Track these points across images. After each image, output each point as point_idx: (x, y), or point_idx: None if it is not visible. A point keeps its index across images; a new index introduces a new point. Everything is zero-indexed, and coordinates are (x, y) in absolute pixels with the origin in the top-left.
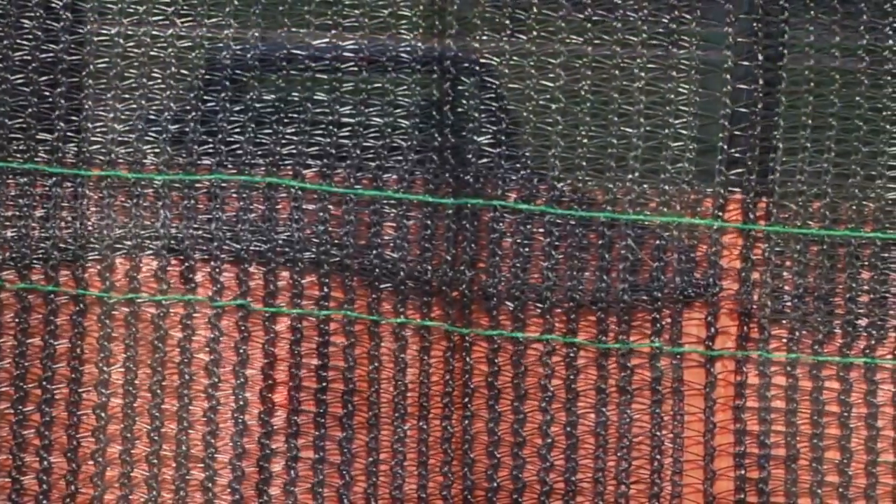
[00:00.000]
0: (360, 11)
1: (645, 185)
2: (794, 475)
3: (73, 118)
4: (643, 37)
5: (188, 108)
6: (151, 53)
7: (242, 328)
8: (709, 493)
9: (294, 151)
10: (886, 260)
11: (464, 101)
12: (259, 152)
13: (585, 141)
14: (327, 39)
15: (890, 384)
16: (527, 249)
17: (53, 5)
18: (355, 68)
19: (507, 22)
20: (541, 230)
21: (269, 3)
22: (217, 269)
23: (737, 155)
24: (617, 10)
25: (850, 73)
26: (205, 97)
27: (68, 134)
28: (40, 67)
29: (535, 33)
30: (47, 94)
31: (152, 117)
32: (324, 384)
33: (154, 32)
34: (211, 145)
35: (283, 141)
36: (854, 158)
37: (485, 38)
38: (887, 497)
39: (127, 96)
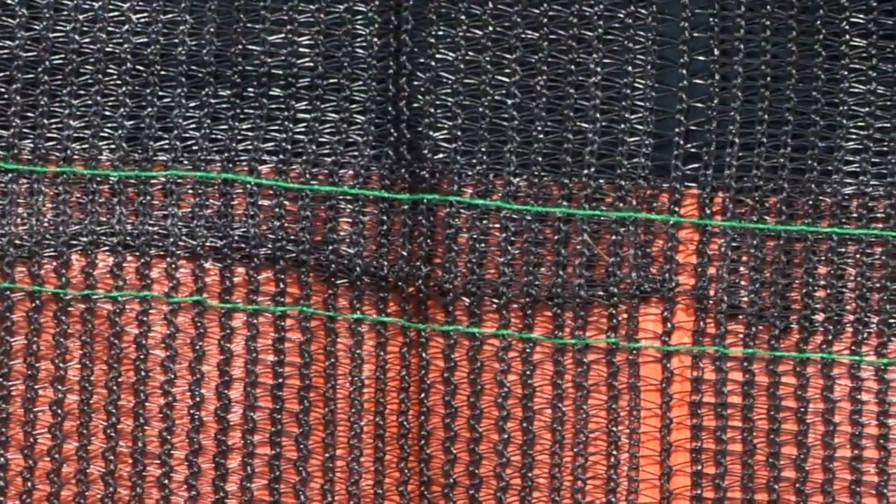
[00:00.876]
0: (316, 7)
1: (601, 181)
2: (751, 471)
3: (30, 115)
4: (599, 32)
5: (143, 104)
6: (107, 49)
7: (198, 324)
8: (665, 488)
9: (250, 147)
10: (843, 255)
11: (420, 97)
12: (215, 148)
13: (541, 136)
14: (283, 35)
15: (847, 379)
16: (483, 245)
17: (9, 2)
18: (311, 64)
19: (463, 17)
20: (497, 226)
21: None
22: (173, 266)
23: (693, 150)
24: (573, 4)
25: (806, 68)
26: (160, 93)
27: (24, 130)
28: None
29: (490, 28)
30: (2, 90)
31: (108, 114)
32: (280, 380)
33: (109, 29)
34: (166, 141)
35: (239, 137)
36: (811, 153)
37: (440, 33)
38: (844, 492)
39: (83, 93)
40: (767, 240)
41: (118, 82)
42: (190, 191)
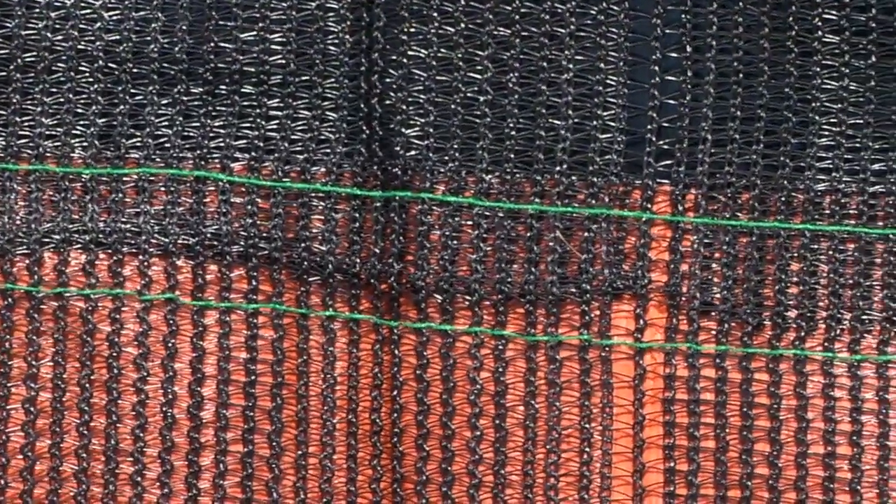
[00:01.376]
0: (288, 4)
1: (573, 178)
2: (724, 467)
3: (2, 112)
4: (571, 28)
5: (116, 101)
6: (79, 47)
7: (171, 321)
8: (638, 485)
9: (222, 144)
10: (816, 251)
11: (392, 94)
12: (187, 146)
13: (513, 133)
14: (254, 32)
15: (820, 376)
16: (455, 242)
17: None
18: (283, 61)
19: (435, 14)
20: (469, 223)
21: None
22: (145, 263)
23: (665, 147)
24: (545, 1)
25: (779, 64)
26: (132, 91)
27: None
28: None
29: (462, 25)
30: None
31: (80, 111)
32: (252, 377)
33: (81, 26)
34: (138, 139)
35: (211, 134)
36: (783, 150)
37: (412, 30)
38: (817, 489)
39: (55, 90)
40: (740, 236)
41: (90, 80)
42: (162, 188)
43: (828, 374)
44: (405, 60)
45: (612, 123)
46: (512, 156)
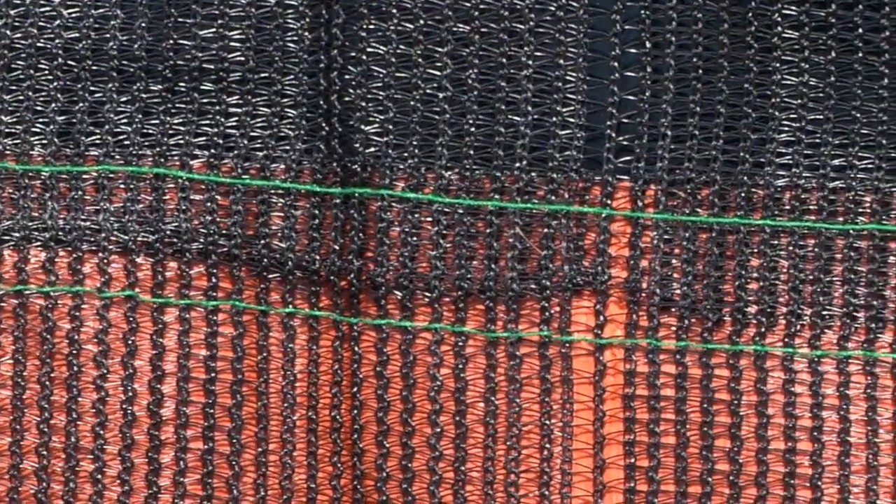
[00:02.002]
0: (247, 1)
1: (533, 174)
2: (684, 463)
3: None
4: (530, 25)
5: (75, 99)
6: (38, 45)
7: (130, 319)
8: (598, 481)
9: (181, 142)
10: (776, 247)
11: (351, 91)
12: (146, 143)
13: (473, 130)
14: (214, 30)
15: (780, 371)
16: (415, 239)
17: None
18: (242, 58)
19: (394, 11)
20: (429, 219)
21: None
22: (105, 261)
23: (625, 143)
24: None
25: (738, 60)
26: (91, 88)
27: None
28: None
29: (421, 22)
30: None
31: (39, 109)
32: (212, 374)
33: (41, 24)
34: (98, 136)
35: (171, 132)
36: (743, 146)
37: (371, 27)
38: (778, 485)
39: (14, 88)
40: (700, 232)
41: (49, 77)
42: (122, 186)
43: (788, 370)
44: (364, 57)
45: (572, 120)
46: (471, 152)
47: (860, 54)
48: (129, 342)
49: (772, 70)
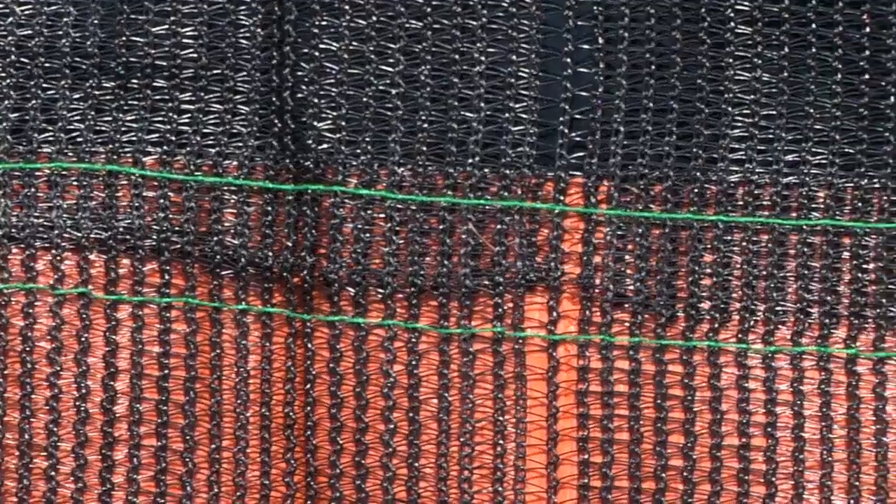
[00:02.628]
0: None
1: (485, 170)
2: (638, 459)
3: None
4: (483, 20)
5: (28, 96)
6: None
7: (83, 316)
8: (552, 477)
9: (134, 139)
10: (729, 243)
11: (303, 87)
12: (99, 140)
13: (426, 126)
14: (166, 26)
15: (734, 367)
16: (368, 235)
17: None
18: (194, 55)
19: (347, 7)
20: (381, 215)
21: None
22: (58, 258)
23: (578, 139)
24: None
25: (691, 55)
26: (44, 85)
27: None
28: None
29: (374, 18)
30: None
31: None
32: (165, 371)
33: None
34: (51, 133)
35: (123, 128)
36: (696, 141)
37: (324, 23)
38: (732, 481)
39: None
40: (653, 228)
41: (2, 74)
42: (75, 182)
43: (742, 366)
44: (317, 54)
45: (525, 116)
46: (424, 148)
47: (813, 50)
48: (82, 339)
49: (725, 66)
